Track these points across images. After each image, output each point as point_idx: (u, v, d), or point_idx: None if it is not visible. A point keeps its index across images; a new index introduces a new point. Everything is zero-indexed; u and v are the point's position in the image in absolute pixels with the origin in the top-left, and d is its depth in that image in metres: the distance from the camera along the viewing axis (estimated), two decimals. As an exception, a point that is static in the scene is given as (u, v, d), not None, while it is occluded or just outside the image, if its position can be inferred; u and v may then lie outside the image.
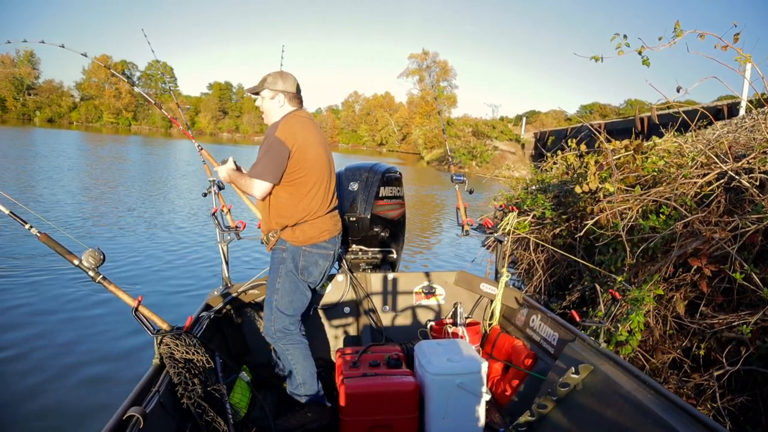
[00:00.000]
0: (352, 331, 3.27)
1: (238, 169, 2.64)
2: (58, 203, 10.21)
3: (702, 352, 3.01)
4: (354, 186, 3.32)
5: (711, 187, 3.51)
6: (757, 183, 3.25)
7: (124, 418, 1.67)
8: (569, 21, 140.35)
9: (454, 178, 3.43)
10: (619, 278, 3.43)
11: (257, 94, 2.56)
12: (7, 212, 1.98)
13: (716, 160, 3.58)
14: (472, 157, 31.80)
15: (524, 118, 46.77)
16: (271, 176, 2.39)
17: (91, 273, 2.02)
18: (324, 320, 3.25)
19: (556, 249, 4.38)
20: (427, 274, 3.40)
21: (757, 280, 2.76)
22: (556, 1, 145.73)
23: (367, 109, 78.06)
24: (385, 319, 3.29)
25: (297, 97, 2.55)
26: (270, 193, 2.47)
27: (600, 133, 5.15)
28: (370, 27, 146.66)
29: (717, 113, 11.87)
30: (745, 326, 2.69)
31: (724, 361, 2.78)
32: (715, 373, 2.80)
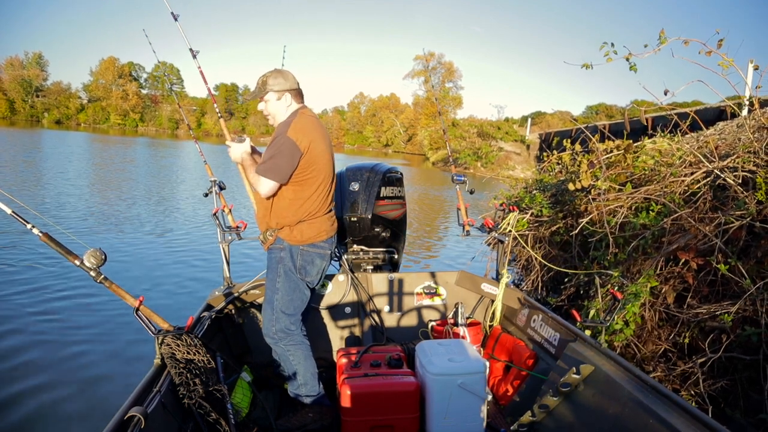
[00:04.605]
0: (354, 331, 3.27)
1: (254, 153, 2.57)
2: (61, 204, 10.22)
3: (686, 341, 3.12)
4: (355, 186, 3.32)
5: (698, 185, 3.57)
6: (740, 181, 3.31)
7: (125, 418, 1.68)
8: (575, 22, 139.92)
9: (455, 178, 3.43)
10: (615, 273, 3.47)
11: (261, 98, 2.50)
12: (9, 212, 1.98)
13: (702, 159, 3.65)
14: (478, 158, 31.78)
15: (529, 119, 46.71)
16: (280, 176, 2.37)
17: (92, 273, 2.02)
18: (325, 320, 3.25)
19: (542, 260, 4.49)
20: (429, 274, 3.40)
21: (743, 270, 2.87)
22: (562, 2, 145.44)
23: (373, 110, 77.88)
24: (387, 319, 3.29)
25: (300, 92, 2.53)
26: (274, 193, 2.45)
27: (604, 133, 5.18)
28: (375, 28, 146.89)
29: (720, 114, 11.85)
30: (726, 315, 2.81)
31: (706, 349, 2.90)
32: (699, 361, 2.91)
